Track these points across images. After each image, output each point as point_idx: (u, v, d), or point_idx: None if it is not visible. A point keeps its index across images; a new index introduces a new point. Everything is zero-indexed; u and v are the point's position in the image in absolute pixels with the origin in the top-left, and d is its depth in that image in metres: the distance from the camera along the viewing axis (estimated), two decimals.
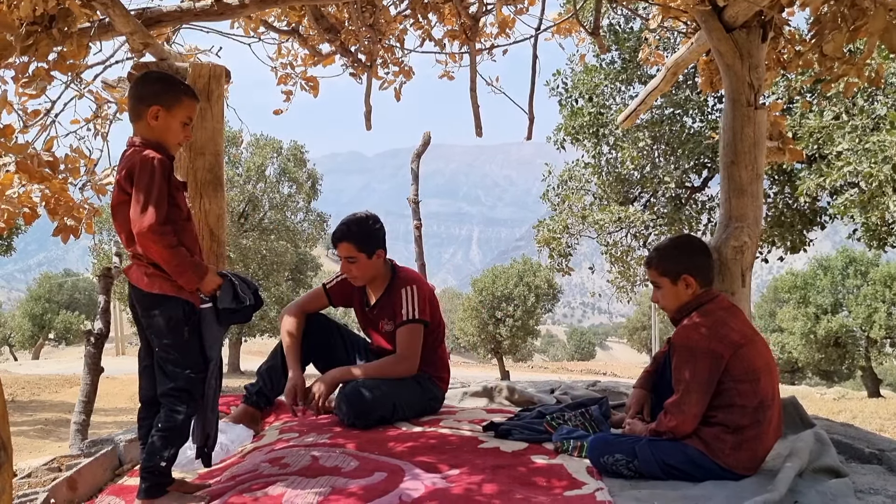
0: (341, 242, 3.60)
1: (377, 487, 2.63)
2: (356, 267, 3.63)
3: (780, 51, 4.33)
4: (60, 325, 38.06)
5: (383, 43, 4.44)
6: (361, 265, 3.62)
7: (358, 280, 3.71)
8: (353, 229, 3.61)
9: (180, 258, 2.42)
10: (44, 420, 13.24)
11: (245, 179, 23.54)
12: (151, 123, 2.52)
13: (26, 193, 3.53)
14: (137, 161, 2.43)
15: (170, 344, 2.48)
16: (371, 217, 3.69)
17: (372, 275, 3.69)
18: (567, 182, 14.23)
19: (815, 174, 10.23)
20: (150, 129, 2.53)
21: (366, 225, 3.63)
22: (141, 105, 2.53)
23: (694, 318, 2.80)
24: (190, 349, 2.50)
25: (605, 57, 12.94)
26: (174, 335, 2.47)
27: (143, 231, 2.35)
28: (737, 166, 3.92)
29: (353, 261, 3.62)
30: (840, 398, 21.25)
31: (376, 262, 3.65)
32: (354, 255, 3.60)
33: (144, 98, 2.53)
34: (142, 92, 2.55)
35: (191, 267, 2.44)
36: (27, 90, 3.30)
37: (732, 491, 2.52)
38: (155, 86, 2.57)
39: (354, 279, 3.72)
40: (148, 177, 2.40)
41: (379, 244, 3.64)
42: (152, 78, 2.67)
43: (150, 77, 2.69)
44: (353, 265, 3.63)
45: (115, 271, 5.02)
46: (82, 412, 4.57)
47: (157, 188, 2.39)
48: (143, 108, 2.52)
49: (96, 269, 23.22)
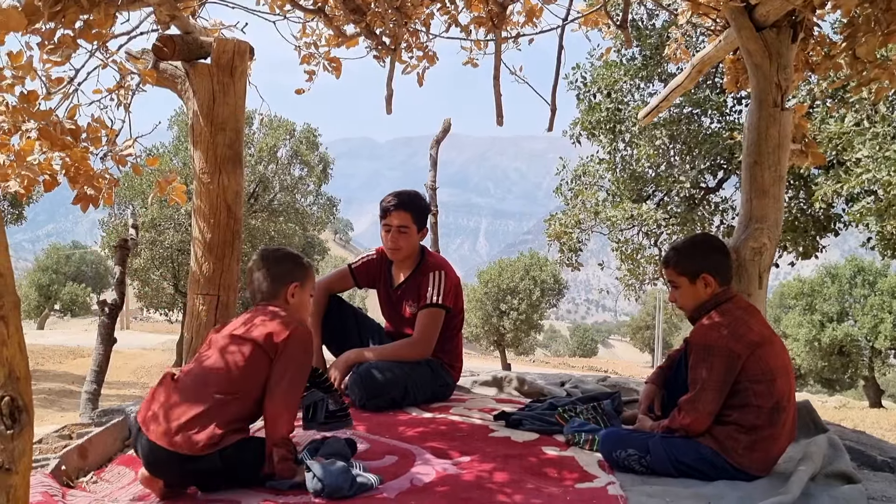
0: (400, 210, 3.64)
1: (388, 470, 2.63)
2: (405, 238, 3.66)
3: (808, 52, 4.28)
4: (67, 296, 38.28)
5: (409, 26, 4.40)
6: (411, 237, 3.67)
7: (401, 252, 3.72)
8: (414, 200, 3.67)
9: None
10: (47, 390, 13.32)
11: (257, 160, 23.50)
12: (290, 301, 2.69)
13: (47, 161, 3.51)
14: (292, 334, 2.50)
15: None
16: (419, 193, 3.76)
17: (412, 250, 3.73)
18: (581, 177, 14.16)
19: (833, 180, 10.15)
20: (286, 304, 2.68)
21: (422, 200, 3.72)
22: (277, 283, 2.69)
23: (712, 316, 2.78)
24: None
25: (626, 53, 12.85)
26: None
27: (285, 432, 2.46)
28: (759, 167, 3.89)
29: (405, 231, 3.65)
30: (841, 407, 21.22)
31: (419, 239, 3.72)
32: (408, 226, 3.65)
33: (281, 277, 2.69)
34: (276, 271, 2.70)
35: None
36: (52, 57, 3.28)
37: (745, 491, 2.51)
38: (287, 264, 2.74)
39: (398, 251, 3.72)
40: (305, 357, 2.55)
41: (426, 222, 3.73)
42: (281, 256, 2.78)
43: (279, 256, 2.78)
44: (403, 235, 3.66)
45: (131, 242, 5.02)
46: (94, 381, 4.58)
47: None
48: (281, 287, 2.68)
49: (105, 243, 23.27)
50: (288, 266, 2.72)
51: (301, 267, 2.75)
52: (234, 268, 3.97)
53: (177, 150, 22.61)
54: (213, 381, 2.42)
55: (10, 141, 3.47)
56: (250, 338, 2.48)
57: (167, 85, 4.14)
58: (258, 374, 2.46)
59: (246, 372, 2.44)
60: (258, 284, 2.70)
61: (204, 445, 2.31)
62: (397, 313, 3.83)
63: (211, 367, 2.47)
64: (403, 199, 3.65)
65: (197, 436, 2.31)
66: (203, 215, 3.88)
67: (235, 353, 2.47)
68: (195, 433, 2.31)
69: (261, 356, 2.46)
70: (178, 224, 21.32)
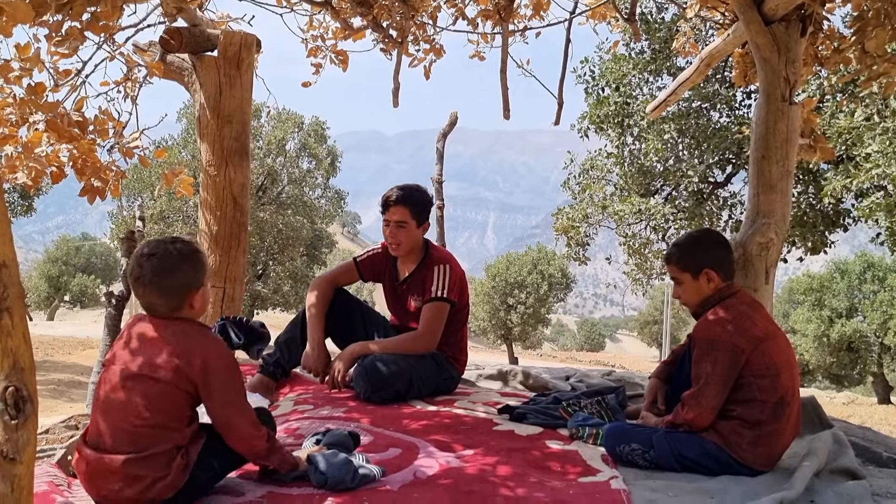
0: (398, 205, 3.61)
1: (392, 463, 2.63)
2: (404, 233, 3.65)
3: (817, 47, 4.26)
4: (76, 287, 38.50)
5: (416, 19, 4.40)
6: (410, 233, 3.65)
7: (401, 248, 3.70)
8: (412, 195, 3.64)
9: None
10: (56, 381, 13.39)
11: (265, 153, 23.56)
12: (193, 308, 2.30)
13: (55, 152, 3.54)
14: (206, 359, 2.21)
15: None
16: (422, 188, 3.73)
17: (413, 245, 3.71)
18: (589, 171, 14.14)
19: (842, 175, 10.10)
20: (190, 311, 2.30)
21: (422, 194, 3.68)
22: (177, 296, 2.26)
23: (716, 312, 2.77)
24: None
25: (635, 46, 12.80)
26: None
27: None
28: (767, 161, 3.87)
29: (404, 226, 3.64)
30: (850, 403, 21.16)
31: (420, 234, 3.70)
32: (407, 221, 3.63)
33: (180, 289, 2.26)
34: (171, 283, 2.24)
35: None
36: (60, 49, 3.30)
37: (748, 486, 2.50)
38: (184, 271, 2.26)
39: (397, 246, 3.70)
40: (230, 373, 2.29)
41: (428, 216, 3.69)
42: (174, 264, 2.25)
43: (172, 265, 2.25)
44: (401, 230, 3.64)
45: (138, 234, 5.04)
46: (100, 372, 4.61)
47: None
48: (183, 298, 2.26)
49: (114, 235, 23.40)
50: (185, 273, 2.26)
51: (197, 266, 2.30)
52: (241, 260, 3.99)
53: (185, 143, 22.69)
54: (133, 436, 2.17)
55: (17, 133, 3.49)
56: (156, 377, 2.17)
57: (174, 77, 4.16)
58: (180, 408, 2.22)
59: (166, 412, 2.19)
60: (149, 300, 2.26)
61: (178, 479, 2.18)
62: (402, 307, 3.84)
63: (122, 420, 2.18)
64: (402, 193, 3.63)
65: (162, 484, 2.16)
66: (209, 207, 3.90)
67: (145, 394, 2.17)
68: (164, 482, 2.16)
69: (174, 392, 2.18)
70: (187, 216, 21.42)
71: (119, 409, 2.18)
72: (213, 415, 2.26)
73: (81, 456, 2.22)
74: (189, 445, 2.24)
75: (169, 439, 2.19)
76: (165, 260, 2.24)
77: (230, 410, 2.25)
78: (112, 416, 2.19)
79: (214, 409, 2.24)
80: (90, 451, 2.20)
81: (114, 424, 2.18)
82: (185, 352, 2.20)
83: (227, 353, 2.32)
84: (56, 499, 2.30)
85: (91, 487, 2.23)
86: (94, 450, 2.19)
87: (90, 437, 2.24)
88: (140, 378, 2.18)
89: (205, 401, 2.23)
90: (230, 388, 2.25)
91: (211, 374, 2.20)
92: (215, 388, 2.21)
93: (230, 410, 2.25)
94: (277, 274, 25.05)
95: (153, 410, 2.17)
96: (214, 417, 2.26)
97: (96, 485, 2.20)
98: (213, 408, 2.24)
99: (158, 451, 2.16)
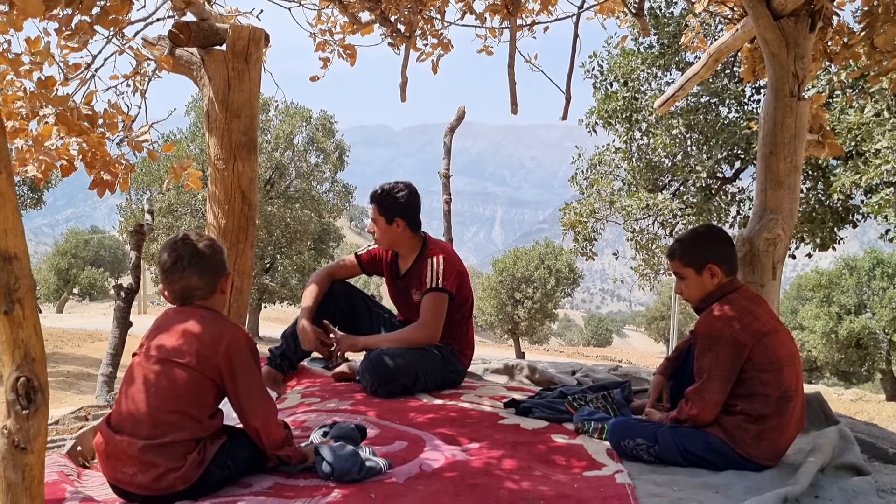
0: (371, 202, 3.79)
1: (398, 455, 2.65)
2: (378, 229, 3.80)
3: (826, 42, 4.24)
4: (85, 280, 38.64)
5: (424, 14, 4.40)
6: (380, 228, 3.78)
7: (379, 242, 3.87)
8: (380, 195, 3.76)
9: None
10: (66, 372, 13.46)
11: (273, 147, 23.58)
12: (223, 293, 2.46)
13: (64, 146, 3.56)
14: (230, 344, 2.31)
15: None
16: (402, 187, 3.75)
17: (390, 241, 3.82)
18: (596, 166, 14.11)
19: (851, 171, 10.05)
20: (220, 297, 2.45)
21: (391, 193, 3.75)
22: (215, 277, 2.41)
23: (718, 306, 2.77)
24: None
25: (643, 41, 12.76)
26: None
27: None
28: (775, 157, 3.86)
29: (376, 222, 3.79)
30: (858, 399, 21.04)
31: (395, 230, 3.76)
32: (375, 218, 3.77)
33: (217, 268, 2.41)
34: (212, 264, 2.40)
35: None
36: (70, 43, 3.31)
37: (753, 481, 2.51)
38: (220, 252, 2.45)
39: (377, 241, 3.88)
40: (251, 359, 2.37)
41: (399, 213, 3.73)
42: (214, 245, 2.44)
43: (213, 245, 2.44)
44: (376, 226, 3.80)
45: (147, 227, 5.07)
46: (110, 364, 4.64)
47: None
48: (217, 280, 2.43)
49: (123, 228, 23.47)
50: (217, 255, 2.42)
51: (224, 252, 2.48)
52: (249, 253, 4.01)
53: (194, 136, 22.73)
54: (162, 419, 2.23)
55: (28, 126, 3.52)
56: (182, 362, 2.26)
57: (183, 71, 4.17)
58: (203, 397, 2.30)
59: (188, 399, 2.26)
60: (186, 284, 2.37)
61: (191, 473, 2.23)
62: (406, 301, 3.89)
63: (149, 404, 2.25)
64: (374, 192, 3.78)
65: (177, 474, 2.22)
66: (217, 201, 3.91)
67: (170, 379, 2.26)
68: (177, 474, 2.21)
69: (198, 379, 2.27)
70: (195, 210, 21.47)
71: (143, 394, 2.25)
72: (235, 400, 2.32)
73: (102, 436, 2.29)
74: (207, 441, 2.29)
75: (188, 428, 2.24)
76: (199, 243, 2.39)
77: (254, 394, 2.32)
78: (135, 400, 2.26)
79: (238, 394, 2.31)
80: (111, 433, 2.26)
81: (136, 408, 2.25)
82: (212, 337, 2.29)
83: (250, 339, 2.40)
84: (66, 488, 2.33)
85: (107, 469, 2.29)
86: (115, 432, 2.25)
87: (113, 419, 2.31)
88: (166, 363, 2.27)
89: (228, 387, 2.30)
90: (253, 374, 2.33)
91: (234, 356, 2.29)
92: (239, 371, 2.29)
93: (254, 394, 2.32)
94: (285, 267, 25.12)
95: (176, 396, 2.24)
96: (237, 402, 2.31)
97: (112, 467, 2.26)
98: (236, 393, 2.31)
99: (176, 439, 2.21)
